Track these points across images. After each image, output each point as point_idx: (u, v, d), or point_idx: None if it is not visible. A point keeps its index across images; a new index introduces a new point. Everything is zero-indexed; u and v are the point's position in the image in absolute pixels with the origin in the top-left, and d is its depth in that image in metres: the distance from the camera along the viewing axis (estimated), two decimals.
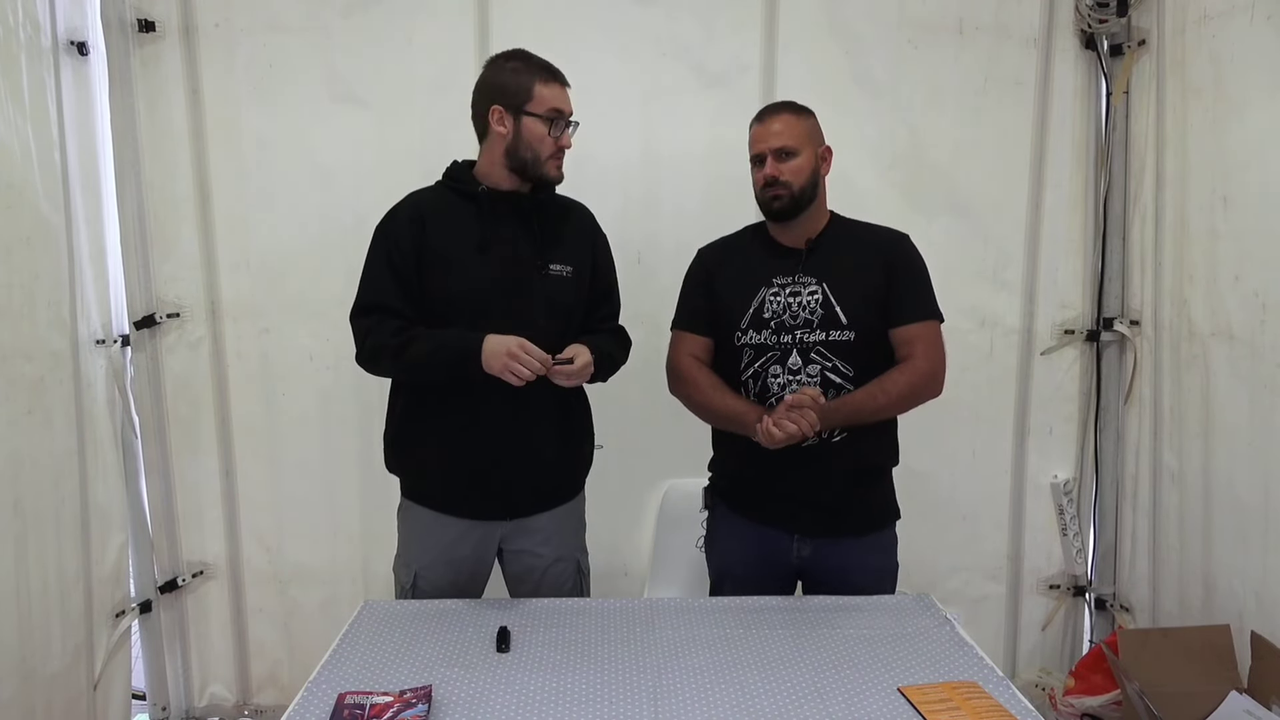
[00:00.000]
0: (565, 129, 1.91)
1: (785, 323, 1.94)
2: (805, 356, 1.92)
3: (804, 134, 1.94)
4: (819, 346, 1.92)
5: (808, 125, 1.96)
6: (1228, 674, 2.19)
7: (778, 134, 1.93)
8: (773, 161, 1.93)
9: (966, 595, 2.83)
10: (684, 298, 2.11)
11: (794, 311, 1.93)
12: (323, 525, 2.77)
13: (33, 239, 2.27)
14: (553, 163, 1.92)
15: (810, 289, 1.94)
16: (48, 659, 2.31)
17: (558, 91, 1.90)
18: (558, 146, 1.91)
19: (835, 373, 1.92)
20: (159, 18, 2.56)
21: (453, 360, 1.84)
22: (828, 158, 1.99)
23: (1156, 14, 2.57)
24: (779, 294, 1.95)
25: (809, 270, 1.96)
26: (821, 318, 1.92)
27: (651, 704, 1.51)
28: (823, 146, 1.99)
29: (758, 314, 1.95)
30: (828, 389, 1.91)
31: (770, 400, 1.94)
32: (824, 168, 1.98)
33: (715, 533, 2.11)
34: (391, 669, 1.63)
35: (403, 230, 1.92)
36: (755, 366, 1.95)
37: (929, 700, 1.51)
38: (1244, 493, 2.27)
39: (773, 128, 1.94)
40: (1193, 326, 2.45)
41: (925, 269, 2.01)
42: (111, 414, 2.57)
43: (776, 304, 1.95)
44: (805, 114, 1.98)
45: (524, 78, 1.88)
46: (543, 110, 1.88)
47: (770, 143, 1.94)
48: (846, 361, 1.92)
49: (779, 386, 1.93)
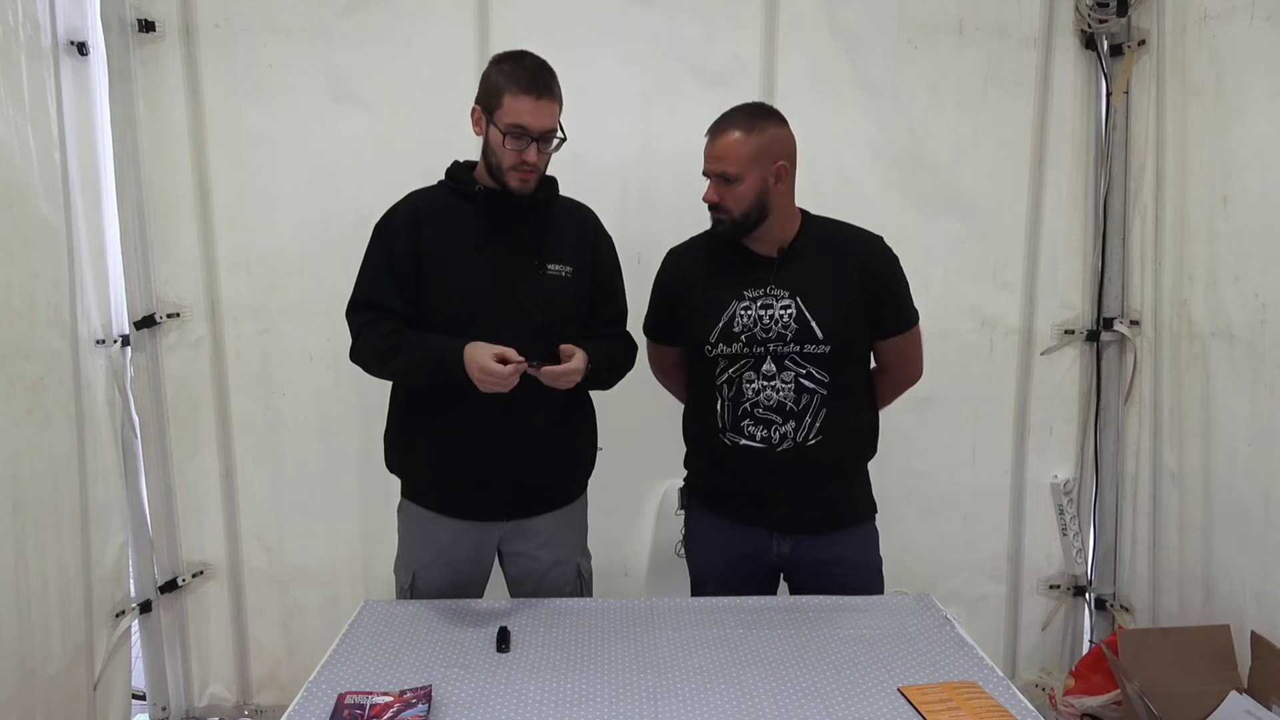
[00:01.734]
0: (528, 145, 1.83)
1: (757, 335, 1.92)
2: (780, 364, 1.92)
3: (749, 157, 1.85)
4: (793, 355, 1.91)
5: (757, 144, 1.86)
6: (1228, 674, 2.19)
7: (719, 159, 1.87)
8: (713, 187, 1.89)
9: (966, 595, 2.83)
10: (651, 304, 2.12)
11: (765, 325, 1.91)
12: (323, 525, 2.76)
13: (33, 239, 2.27)
14: (515, 174, 1.86)
15: (783, 303, 1.91)
16: (47, 659, 2.31)
17: (528, 105, 1.81)
18: (520, 160, 1.84)
19: (809, 378, 1.92)
20: (159, 18, 2.56)
21: (435, 370, 1.84)
22: (784, 175, 1.89)
23: (1156, 14, 2.57)
24: (750, 307, 1.93)
25: (780, 282, 1.92)
26: (796, 332, 1.90)
27: (651, 704, 1.51)
28: (778, 164, 1.88)
29: (727, 328, 1.93)
30: (802, 394, 1.91)
31: (744, 405, 1.94)
32: (779, 186, 1.89)
33: (694, 533, 2.11)
34: (391, 669, 1.63)
35: (400, 229, 1.92)
36: (729, 373, 1.95)
37: (929, 700, 1.51)
38: (1244, 493, 2.27)
39: (717, 150, 1.88)
40: (1193, 326, 2.45)
41: (901, 272, 2.00)
42: (111, 414, 2.57)
43: (747, 317, 1.92)
44: (759, 129, 1.87)
45: (501, 84, 1.83)
46: (503, 123, 1.83)
47: (711, 166, 1.89)
48: (822, 369, 1.92)
49: (754, 392, 1.93)
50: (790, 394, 1.91)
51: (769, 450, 1.93)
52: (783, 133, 1.91)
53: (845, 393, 1.94)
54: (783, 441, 1.92)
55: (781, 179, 1.90)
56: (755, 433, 1.93)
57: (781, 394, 1.92)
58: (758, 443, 1.93)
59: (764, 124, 1.88)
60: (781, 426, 1.92)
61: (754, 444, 1.94)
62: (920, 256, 2.03)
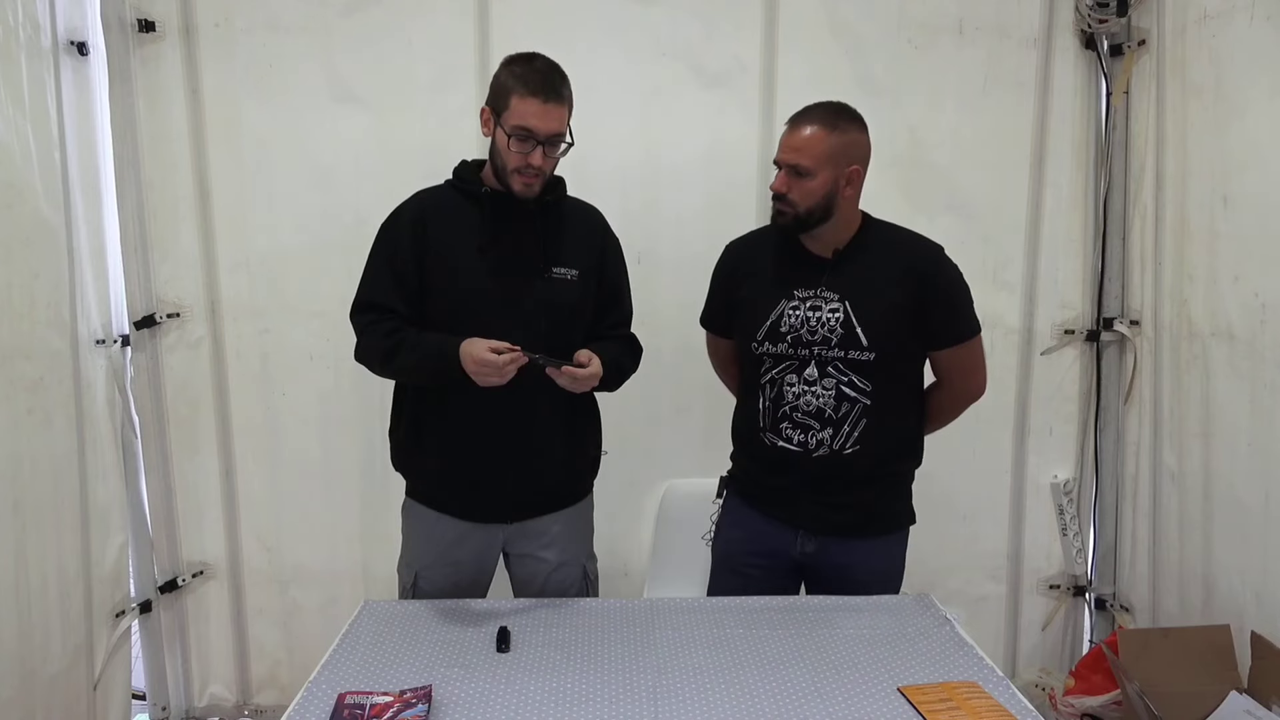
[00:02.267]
0: (534, 148, 1.81)
1: (803, 337, 1.91)
2: (822, 369, 1.90)
3: (826, 154, 1.83)
4: (836, 361, 1.90)
5: (835, 144, 1.84)
6: (1228, 674, 2.19)
7: (796, 150, 1.84)
8: (784, 177, 1.87)
9: (966, 595, 2.83)
10: (709, 295, 2.13)
11: (812, 327, 1.90)
12: (323, 525, 2.76)
13: (33, 239, 2.27)
14: (519, 178, 1.84)
15: (831, 305, 1.90)
16: (47, 659, 2.31)
17: (535, 108, 1.79)
18: (525, 163, 1.82)
19: (851, 387, 1.90)
20: (159, 18, 2.56)
21: (434, 367, 1.83)
22: (855, 180, 1.87)
23: (1156, 14, 2.57)
24: (799, 308, 1.91)
25: (832, 285, 1.91)
26: (841, 337, 1.88)
27: (651, 704, 1.51)
28: (851, 167, 1.85)
29: (774, 327, 1.92)
30: (842, 403, 1.90)
31: (784, 408, 1.93)
32: (848, 190, 1.87)
33: (723, 520, 2.11)
34: (391, 669, 1.63)
35: (404, 230, 1.91)
36: (773, 373, 1.95)
37: (929, 700, 1.51)
38: (1244, 493, 2.27)
39: (795, 141, 1.85)
40: (1193, 326, 2.45)
41: (960, 282, 1.96)
42: (111, 414, 2.57)
43: (795, 318, 1.91)
44: (841, 128, 1.85)
45: (510, 85, 1.81)
46: (509, 125, 1.81)
47: (786, 156, 1.86)
48: (864, 378, 1.90)
49: (794, 396, 1.92)
50: (830, 400, 1.90)
51: (805, 455, 1.92)
52: (863, 139, 1.89)
53: (888, 403, 1.92)
54: (819, 448, 1.92)
55: (852, 183, 1.88)
56: (793, 436, 1.93)
57: (821, 400, 1.91)
58: (794, 446, 1.93)
59: (847, 125, 1.87)
60: (819, 433, 1.92)
61: (791, 447, 1.94)
62: None
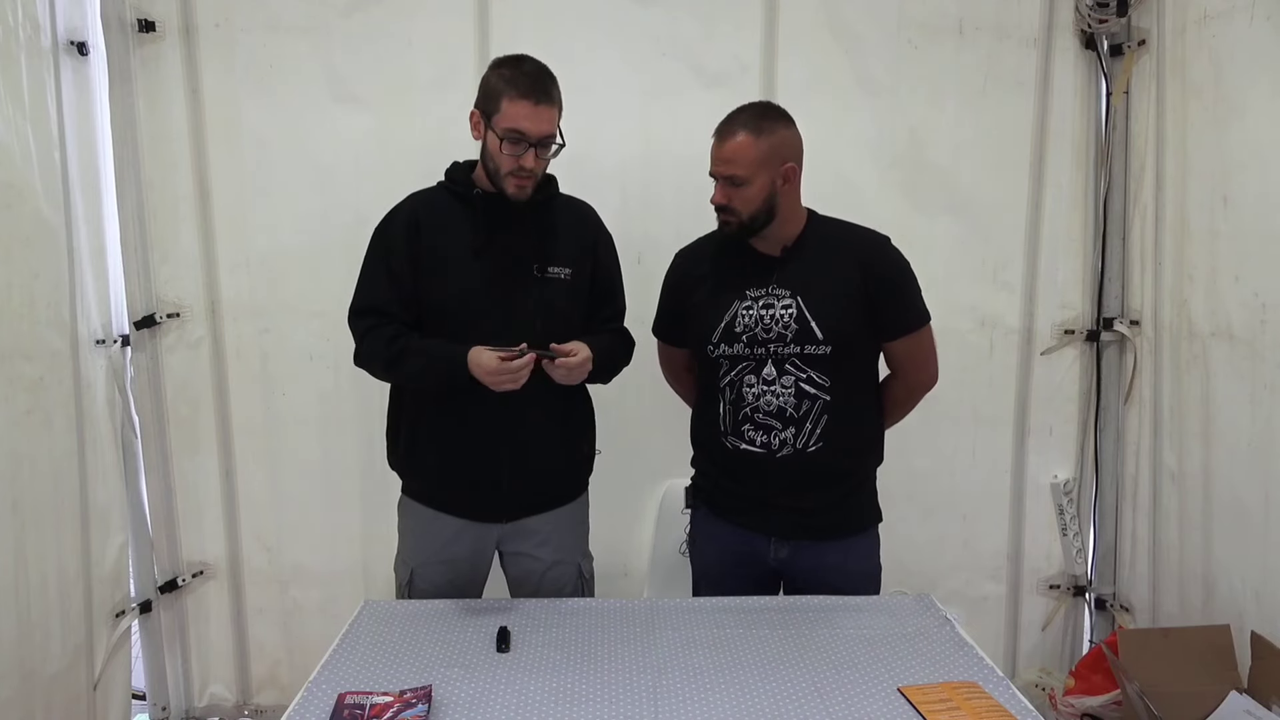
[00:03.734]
0: (526, 150, 1.81)
1: (758, 336, 1.91)
2: (780, 367, 1.91)
3: (757, 160, 1.83)
4: (793, 358, 1.90)
5: (766, 147, 1.84)
6: (1228, 674, 2.19)
7: (727, 161, 1.86)
8: (721, 188, 1.89)
9: (966, 595, 2.83)
10: (660, 304, 2.13)
11: (766, 325, 1.91)
12: (323, 525, 2.76)
13: (33, 239, 2.26)
14: (512, 180, 1.84)
15: (784, 302, 1.90)
16: (47, 659, 2.31)
17: (526, 110, 1.80)
18: (518, 165, 1.83)
19: (810, 383, 1.91)
20: (159, 18, 2.56)
21: (440, 377, 1.85)
22: (791, 177, 1.89)
23: (1156, 14, 2.57)
24: (751, 307, 1.92)
25: (782, 282, 1.92)
26: (796, 333, 1.89)
27: (651, 704, 1.51)
28: (786, 165, 1.86)
29: (729, 328, 1.93)
30: (803, 400, 1.90)
31: (745, 410, 1.93)
32: (786, 187, 1.88)
33: (695, 535, 2.12)
34: (391, 669, 1.63)
35: (398, 233, 1.92)
36: (731, 375, 1.95)
37: (929, 700, 1.51)
38: (1244, 493, 2.27)
39: (724, 152, 1.86)
40: (1193, 326, 2.45)
41: (907, 272, 1.97)
42: (111, 414, 2.57)
43: (749, 317, 1.92)
44: (767, 131, 1.85)
45: (500, 88, 1.82)
46: (501, 128, 1.81)
47: (719, 169, 1.88)
48: (822, 374, 1.90)
49: (754, 397, 1.93)
50: (790, 399, 1.91)
51: (769, 456, 1.93)
52: (791, 134, 1.90)
53: (848, 399, 1.93)
54: (783, 448, 1.92)
55: (789, 180, 1.89)
56: (755, 438, 1.93)
57: (781, 399, 1.91)
58: (758, 448, 1.93)
59: (772, 125, 1.87)
60: (781, 432, 1.92)
61: (754, 449, 1.93)
62: (920, 256, 2.02)
